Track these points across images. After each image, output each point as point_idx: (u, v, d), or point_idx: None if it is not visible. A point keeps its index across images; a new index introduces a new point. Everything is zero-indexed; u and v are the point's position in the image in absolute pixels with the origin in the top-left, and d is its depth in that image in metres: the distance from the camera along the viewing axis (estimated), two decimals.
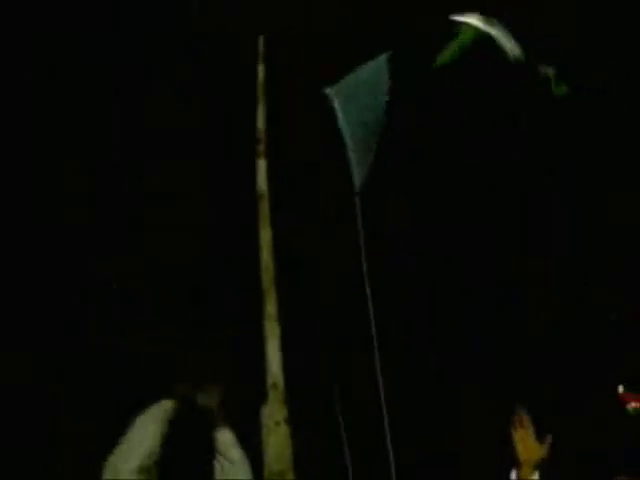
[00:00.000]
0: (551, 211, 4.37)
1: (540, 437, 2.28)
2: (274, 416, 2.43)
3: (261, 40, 3.94)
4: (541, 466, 2.20)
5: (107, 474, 1.57)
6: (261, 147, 3.31)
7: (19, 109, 4.67)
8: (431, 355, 3.81)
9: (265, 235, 2.92)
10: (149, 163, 4.60)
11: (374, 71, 3.41)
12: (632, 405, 3.35)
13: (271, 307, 2.69)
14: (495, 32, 3.41)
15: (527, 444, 2.22)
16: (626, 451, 3.27)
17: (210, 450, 1.56)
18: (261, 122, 3.45)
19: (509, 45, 3.40)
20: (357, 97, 3.29)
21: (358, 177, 3.13)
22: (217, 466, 1.54)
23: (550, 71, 3.85)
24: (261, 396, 2.56)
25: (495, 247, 4.21)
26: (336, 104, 3.25)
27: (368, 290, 3.13)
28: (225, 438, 1.63)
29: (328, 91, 3.32)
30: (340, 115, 3.19)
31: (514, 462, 2.22)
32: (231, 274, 3.68)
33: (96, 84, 4.71)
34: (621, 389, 3.42)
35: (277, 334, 2.61)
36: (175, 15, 4.78)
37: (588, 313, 4.02)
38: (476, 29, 3.41)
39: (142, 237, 4.21)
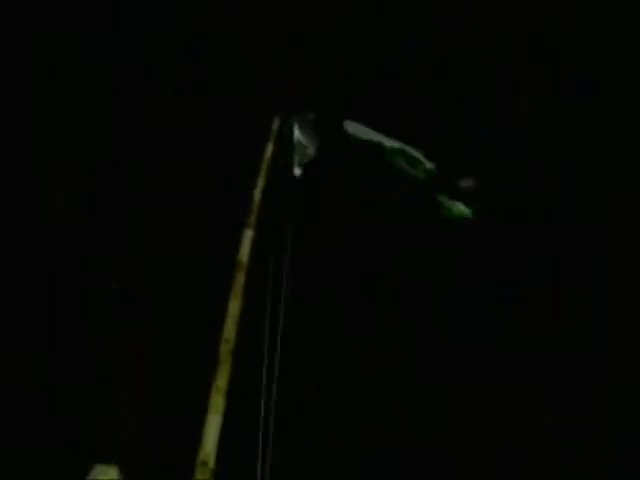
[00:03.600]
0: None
1: None
2: None
3: (276, 121, 4.12)
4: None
5: None
6: (252, 218, 3.28)
7: (19, 109, 4.65)
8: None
9: (234, 306, 2.81)
10: (149, 163, 4.58)
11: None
12: None
13: (222, 380, 2.52)
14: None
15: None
16: None
17: None
18: (258, 195, 3.46)
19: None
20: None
21: (297, 171, 3.98)
22: None
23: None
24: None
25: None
26: (295, 125, 4.18)
27: None
28: None
29: (291, 117, 4.22)
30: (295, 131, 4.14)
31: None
32: None
33: (96, 84, 4.69)
34: None
35: (221, 410, 2.42)
36: (175, 15, 4.76)
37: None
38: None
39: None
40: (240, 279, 2.90)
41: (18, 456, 3.49)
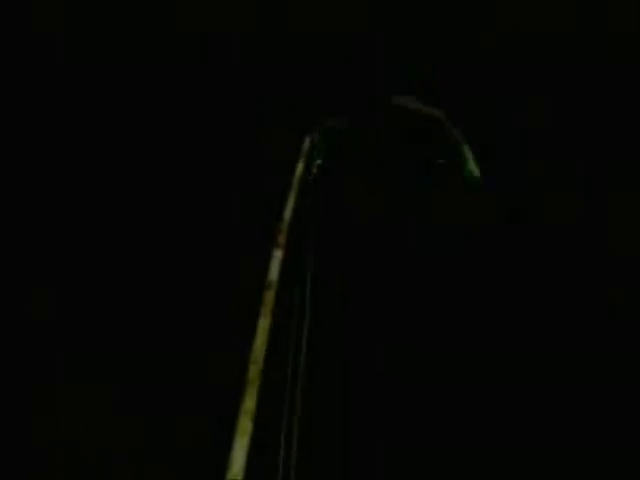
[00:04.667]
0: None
1: None
2: None
3: (307, 140, 4.23)
4: None
5: None
6: (281, 238, 3.21)
7: (17, 108, 4.61)
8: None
9: (263, 324, 2.77)
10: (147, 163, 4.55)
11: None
12: None
13: (250, 402, 2.43)
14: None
15: None
16: None
17: None
18: (288, 213, 3.41)
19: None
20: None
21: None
22: None
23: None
24: None
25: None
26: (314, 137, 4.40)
27: None
28: None
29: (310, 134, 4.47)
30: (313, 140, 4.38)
31: None
32: None
33: (97, 83, 4.66)
34: None
35: (248, 432, 2.36)
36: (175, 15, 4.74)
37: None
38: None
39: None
40: (270, 297, 2.90)
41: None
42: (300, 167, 3.82)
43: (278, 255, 3.16)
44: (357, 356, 3.60)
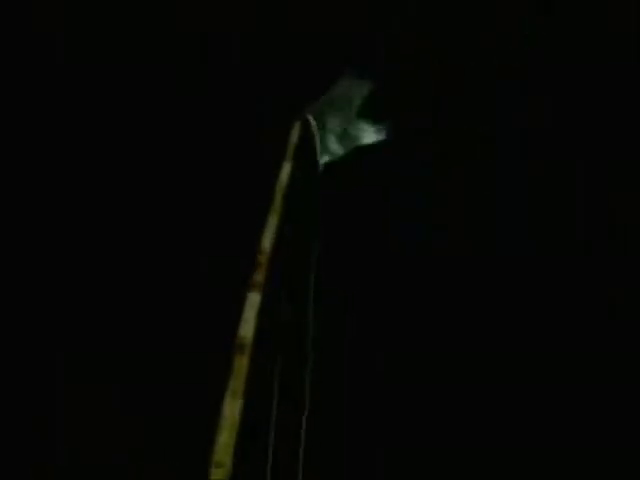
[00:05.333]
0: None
1: None
2: None
3: (296, 128, 3.31)
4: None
5: None
6: (259, 276, 2.20)
7: (17, 108, 4.65)
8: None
9: (232, 408, 1.86)
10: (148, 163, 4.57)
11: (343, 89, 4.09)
12: None
13: None
14: None
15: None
16: None
17: None
18: (268, 239, 2.35)
19: None
20: (331, 109, 3.97)
21: (321, 162, 3.61)
22: None
23: None
24: None
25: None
26: (312, 117, 3.74)
27: None
28: None
29: (308, 113, 3.78)
30: (314, 123, 3.74)
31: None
32: None
33: (97, 83, 4.65)
34: None
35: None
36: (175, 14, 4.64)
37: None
38: None
39: None
40: (242, 367, 1.91)
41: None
42: (286, 171, 2.67)
43: (254, 300, 2.13)
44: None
